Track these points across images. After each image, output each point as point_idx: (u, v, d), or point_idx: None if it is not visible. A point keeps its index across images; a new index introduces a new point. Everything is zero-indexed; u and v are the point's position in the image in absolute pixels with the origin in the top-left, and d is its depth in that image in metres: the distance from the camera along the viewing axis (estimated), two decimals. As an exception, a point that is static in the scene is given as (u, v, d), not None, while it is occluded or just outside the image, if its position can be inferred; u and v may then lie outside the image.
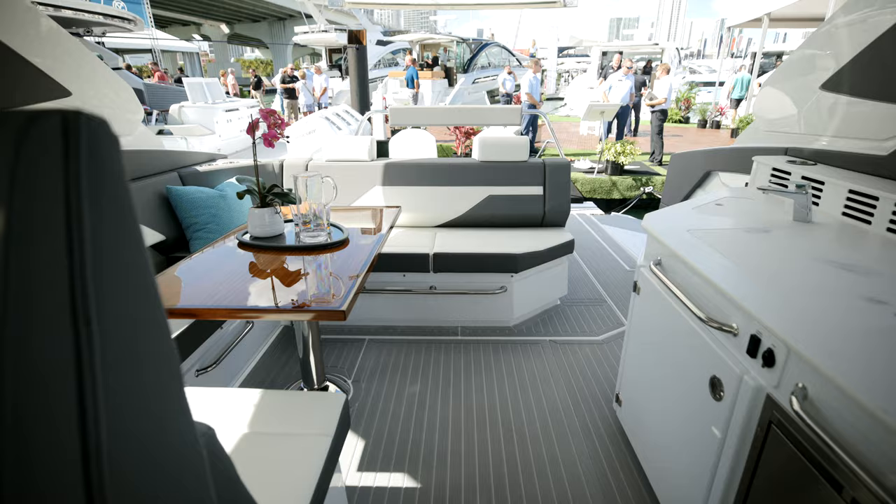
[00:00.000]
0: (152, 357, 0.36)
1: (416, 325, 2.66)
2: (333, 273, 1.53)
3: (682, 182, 3.05)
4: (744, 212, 1.67)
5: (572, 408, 2.01)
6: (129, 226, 0.35)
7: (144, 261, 0.36)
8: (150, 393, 0.35)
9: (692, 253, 1.29)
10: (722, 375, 1.09)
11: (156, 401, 0.36)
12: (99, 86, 2.19)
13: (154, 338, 0.36)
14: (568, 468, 1.70)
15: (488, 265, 2.49)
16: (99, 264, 0.30)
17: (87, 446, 0.29)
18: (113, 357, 0.31)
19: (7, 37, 1.68)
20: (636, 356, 1.65)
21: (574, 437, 1.84)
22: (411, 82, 12.71)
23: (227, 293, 1.33)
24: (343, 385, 2.14)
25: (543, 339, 2.53)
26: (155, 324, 0.36)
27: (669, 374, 1.37)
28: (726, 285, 1.10)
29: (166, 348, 0.37)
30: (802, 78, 2.10)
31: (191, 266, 1.57)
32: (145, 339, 0.35)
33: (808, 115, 2.07)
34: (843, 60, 1.83)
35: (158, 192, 2.35)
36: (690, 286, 1.28)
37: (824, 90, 1.95)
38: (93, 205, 0.30)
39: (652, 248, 1.55)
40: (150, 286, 0.37)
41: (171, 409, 0.38)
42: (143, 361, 0.35)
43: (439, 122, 4.05)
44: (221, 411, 1.24)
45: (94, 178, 0.31)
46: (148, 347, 0.35)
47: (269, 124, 1.72)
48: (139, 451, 0.33)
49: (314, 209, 1.73)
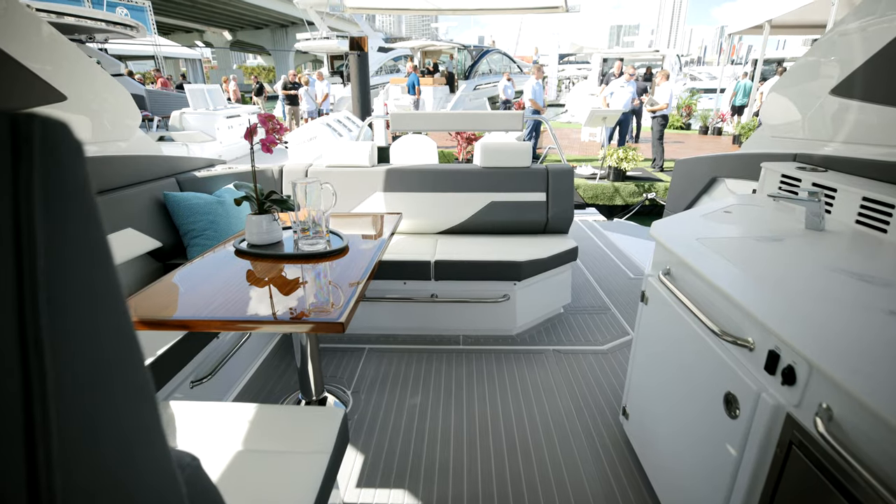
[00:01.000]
0: (119, 384, 0.31)
1: (417, 333, 2.61)
2: (332, 282, 1.48)
3: (687, 188, 3.01)
4: (754, 220, 1.63)
5: (577, 420, 1.95)
6: (92, 239, 0.30)
7: (109, 276, 0.32)
8: (116, 424, 0.31)
9: (703, 262, 1.24)
10: (737, 392, 1.04)
11: (124, 432, 0.31)
12: (95, 91, 2.16)
13: (122, 362, 0.32)
14: (573, 483, 1.65)
15: (491, 273, 2.44)
16: (56, 281, 0.26)
17: (38, 492, 0.25)
18: (71, 383, 0.27)
19: (3, 41, 1.66)
20: (644, 368, 1.60)
21: (579, 451, 1.78)
22: (412, 89, 12.73)
23: (221, 303, 1.29)
24: (342, 396, 2.09)
25: (547, 349, 2.48)
26: (124, 346, 0.32)
27: (680, 388, 1.32)
28: (741, 297, 1.05)
29: (138, 375, 0.33)
30: (811, 83, 2.06)
31: (186, 274, 1.53)
32: (111, 365, 0.31)
33: (816, 121, 2.03)
34: (854, 65, 1.80)
35: (156, 197, 2.32)
36: (701, 297, 1.23)
37: (834, 95, 1.91)
38: (48, 216, 0.26)
39: (660, 257, 1.51)
40: (118, 303, 0.32)
41: (143, 440, 0.34)
42: (108, 388, 0.30)
43: (441, 127, 4.02)
44: (215, 428, 1.19)
45: (50, 186, 0.27)
46: (114, 374, 0.31)
47: (267, 129, 1.68)
48: (101, 491, 0.28)
49: (313, 216, 1.69)
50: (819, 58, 2.04)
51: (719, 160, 2.73)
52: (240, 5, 37.37)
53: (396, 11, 4.16)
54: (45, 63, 1.86)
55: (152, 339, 1.64)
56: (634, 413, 1.69)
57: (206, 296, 1.34)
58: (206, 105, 8.20)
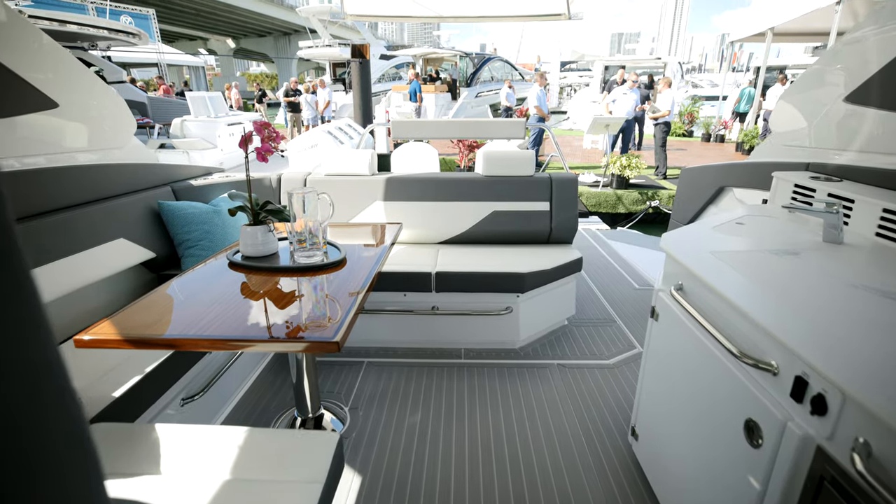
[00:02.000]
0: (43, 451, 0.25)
1: (418, 346, 2.54)
2: (330, 296, 1.42)
3: (694, 197, 2.94)
4: (768, 232, 1.56)
5: (584, 439, 1.87)
6: (9, 272, 0.23)
7: (31, 314, 0.24)
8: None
9: (718, 277, 1.17)
10: (760, 419, 0.97)
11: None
12: (89, 98, 2.11)
13: (49, 427, 0.25)
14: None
15: (493, 285, 2.37)
16: None
17: None
18: None
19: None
20: (655, 387, 1.53)
21: (586, 473, 1.71)
22: (414, 96, 12.74)
23: (211, 320, 1.22)
24: (340, 413, 2.02)
25: (551, 363, 2.40)
26: (50, 405, 0.25)
27: (695, 411, 1.25)
28: (762, 316, 0.98)
29: (76, 448, 0.26)
30: (823, 91, 2.00)
31: (177, 288, 1.46)
32: (32, 433, 0.24)
33: (829, 129, 1.97)
34: (870, 71, 1.74)
35: (150, 207, 2.26)
36: (717, 314, 1.16)
37: (849, 103, 1.85)
38: None
39: (672, 271, 1.44)
40: (43, 345, 0.25)
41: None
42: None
43: (442, 135, 3.97)
44: (202, 454, 1.12)
45: None
46: (34, 440, 0.24)
47: (262, 138, 1.63)
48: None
49: (310, 227, 1.63)
50: (832, 65, 1.98)
51: (727, 169, 2.67)
52: (243, 13, 37.71)
53: (398, 19, 4.13)
54: (37, 70, 1.81)
55: (141, 355, 1.57)
56: (644, 434, 1.62)
57: (196, 311, 1.28)
58: (208, 112, 8.19)
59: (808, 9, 8.37)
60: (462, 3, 3.95)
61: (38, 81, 1.81)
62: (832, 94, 1.94)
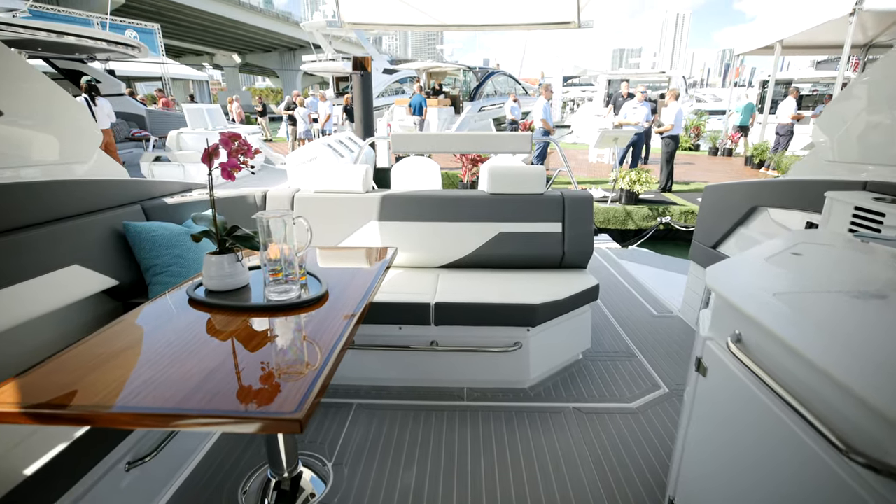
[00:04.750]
0: None
1: (414, 385, 2.26)
2: (308, 338, 1.16)
3: (720, 217, 2.67)
4: (833, 265, 1.29)
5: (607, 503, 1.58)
6: None
7: None
8: None
9: (795, 331, 0.90)
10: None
11: None
12: (45, 109, 1.88)
13: None
14: None
15: (500, 318, 2.10)
16: None
17: None
18: None
19: None
20: (702, 457, 1.24)
21: None
22: (418, 109, 12.59)
23: (143, 382, 0.95)
24: (321, 471, 1.73)
25: (566, 406, 2.11)
26: None
27: (767, 501, 0.97)
28: (879, 399, 0.71)
29: None
30: (885, 101, 1.74)
31: (119, 331, 1.20)
32: None
33: (895, 144, 1.71)
34: None
35: (114, 228, 2.01)
36: (795, 379, 0.89)
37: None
38: None
39: (724, 317, 1.16)
40: None
41: None
42: None
43: (444, 149, 3.73)
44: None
45: None
46: None
47: (229, 152, 1.38)
48: None
49: (286, 255, 1.37)
50: (893, 72, 1.73)
51: (759, 187, 2.40)
52: (249, 29, 38.14)
53: (400, 27, 3.93)
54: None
55: None
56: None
57: (126, 368, 1.01)
58: (205, 124, 8.02)
59: (819, 21, 8.20)
60: (467, 12, 3.74)
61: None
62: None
